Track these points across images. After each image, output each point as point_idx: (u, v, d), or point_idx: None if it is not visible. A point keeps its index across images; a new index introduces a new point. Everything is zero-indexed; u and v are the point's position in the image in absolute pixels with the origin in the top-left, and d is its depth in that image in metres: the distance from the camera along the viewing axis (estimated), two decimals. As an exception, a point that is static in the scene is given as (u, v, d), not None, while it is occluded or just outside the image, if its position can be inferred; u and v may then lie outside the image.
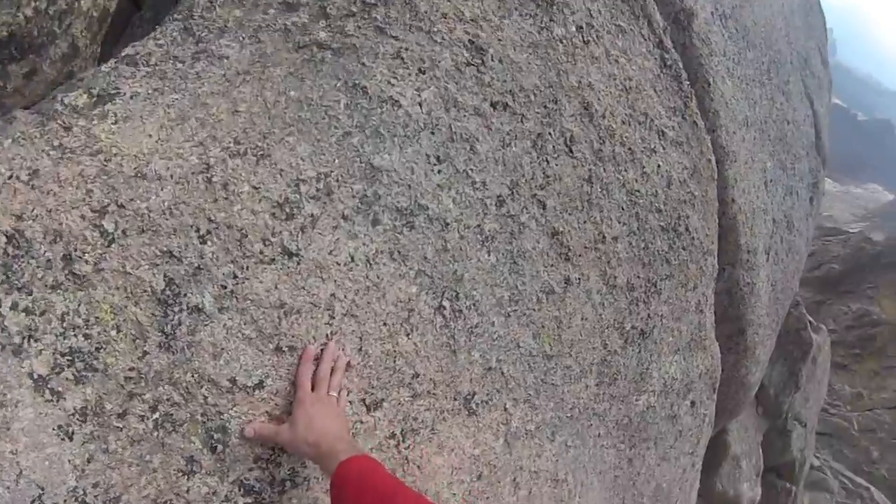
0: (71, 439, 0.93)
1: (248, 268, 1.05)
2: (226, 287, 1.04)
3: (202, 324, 1.03)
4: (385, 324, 1.23)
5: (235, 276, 1.05)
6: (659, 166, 1.87)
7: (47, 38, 1.09)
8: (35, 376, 0.91)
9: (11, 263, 0.92)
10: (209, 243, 1.03)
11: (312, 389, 1.08)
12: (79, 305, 0.96)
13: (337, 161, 1.14)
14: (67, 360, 0.94)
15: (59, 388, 0.93)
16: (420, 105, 1.24)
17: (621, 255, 1.81)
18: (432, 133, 1.26)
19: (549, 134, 1.47)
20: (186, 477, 1.00)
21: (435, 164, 1.26)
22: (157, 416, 0.99)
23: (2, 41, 1.00)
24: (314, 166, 1.12)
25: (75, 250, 0.97)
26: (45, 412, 0.90)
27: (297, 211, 1.09)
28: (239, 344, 1.06)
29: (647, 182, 1.83)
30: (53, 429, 0.91)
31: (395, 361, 1.26)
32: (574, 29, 1.56)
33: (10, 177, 0.95)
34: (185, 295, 1.02)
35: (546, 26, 1.49)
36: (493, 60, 1.36)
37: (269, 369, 1.09)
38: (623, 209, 1.76)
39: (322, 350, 1.12)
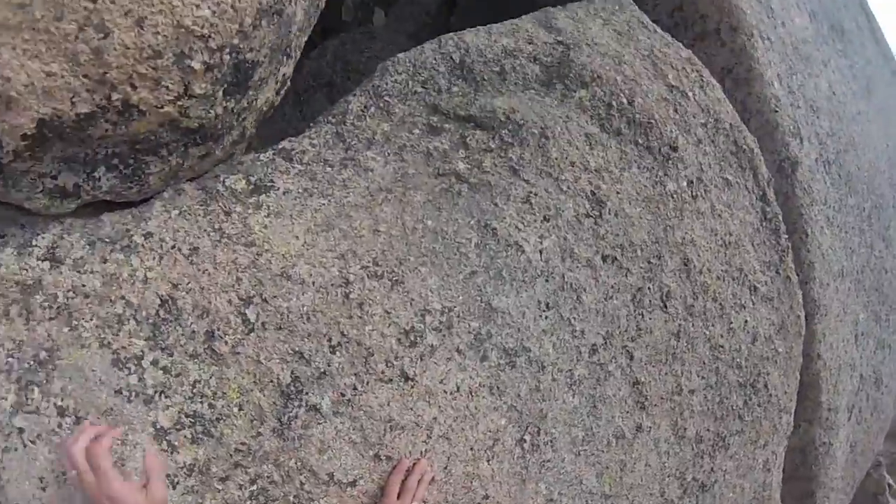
0: (174, 488, 1.27)
1: (367, 383, 1.42)
2: (344, 395, 1.40)
3: (316, 422, 1.39)
4: (472, 448, 1.58)
5: (355, 388, 1.41)
6: (746, 322, 2.22)
7: (226, 129, 1.50)
8: (158, 426, 1.28)
9: (161, 325, 1.29)
10: (338, 354, 1.40)
11: (398, 497, 1.42)
12: (210, 378, 1.33)
13: (461, 298, 1.52)
14: (189, 420, 1.30)
15: (176, 443, 1.29)
16: (540, 252, 1.62)
17: (695, 408, 2.14)
18: (546, 280, 1.63)
19: (649, 288, 1.84)
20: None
21: (544, 311, 1.63)
22: (254, 488, 1.34)
23: (191, 129, 1.39)
24: (440, 299, 1.50)
25: (218, 329, 1.34)
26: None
27: (419, 340, 1.47)
28: (344, 445, 1.41)
29: (732, 337, 2.18)
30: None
31: (471, 482, 1.59)
32: (685, 184, 1.96)
33: (173, 247, 1.35)
34: (307, 393, 1.38)
35: (660, 181, 1.89)
36: (609, 214, 1.75)
37: (364, 472, 1.44)
38: (704, 363, 2.11)
39: (414, 464, 1.46)
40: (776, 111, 2.51)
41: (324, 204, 1.47)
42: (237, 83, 1.26)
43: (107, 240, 1.26)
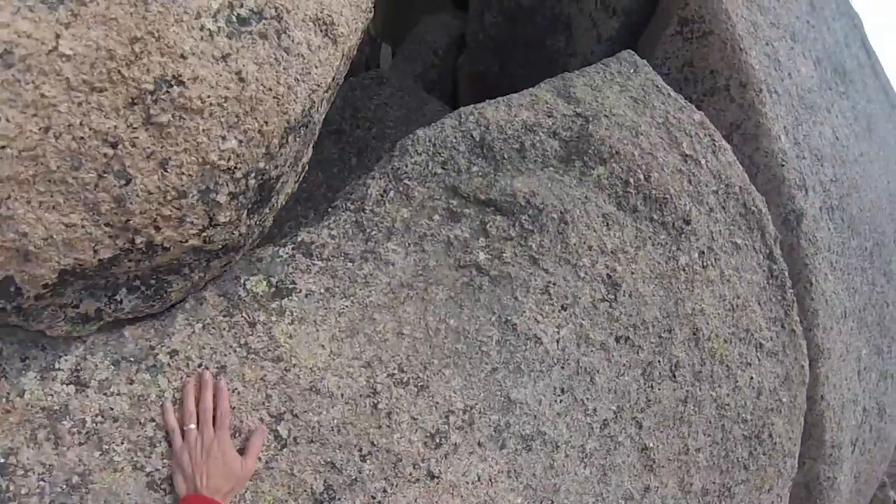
0: None
1: (396, 485, 1.45)
2: (375, 498, 1.43)
3: (345, 523, 1.42)
4: (489, 531, 1.62)
5: (385, 491, 1.44)
6: (752, 378, 2.27)
7: (248, 239, 1.52)
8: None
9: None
10: (368, 462, 1.43)
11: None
12: (245, 492, 1.35)
13: (482, 395, 1.55)
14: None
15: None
16: (557, 342, 1.65)
17: (701, 464, 2.19)
18: (562, 367, 1.66)
19: (658, 361, 1.87)
20: None
21: (559, 395, 1.66)
22: None
23: (215, 250, 1.42)
24: (463, 399, 1.53)
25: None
26: None
27: (444, 441, 1.49)
28: (371, 542, 1.45)
29: (737, 395, 2.22)
30: None
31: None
32: (696, 255, 1.98)
33: (200, 365, 1.35)
34: (339, 500, 1.41)
35: (673, 255, 1.91)
36: (624, 295, 1.78)
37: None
38: (710, 422, 2.15)
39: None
40: (783, 165, 2.53)
41: (347, 306, 1.48)
42: (261, 200, 1.26)
43: (131, 359, 1.25)
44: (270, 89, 1.05)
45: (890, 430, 3.60)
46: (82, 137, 0.89)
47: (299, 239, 1.54)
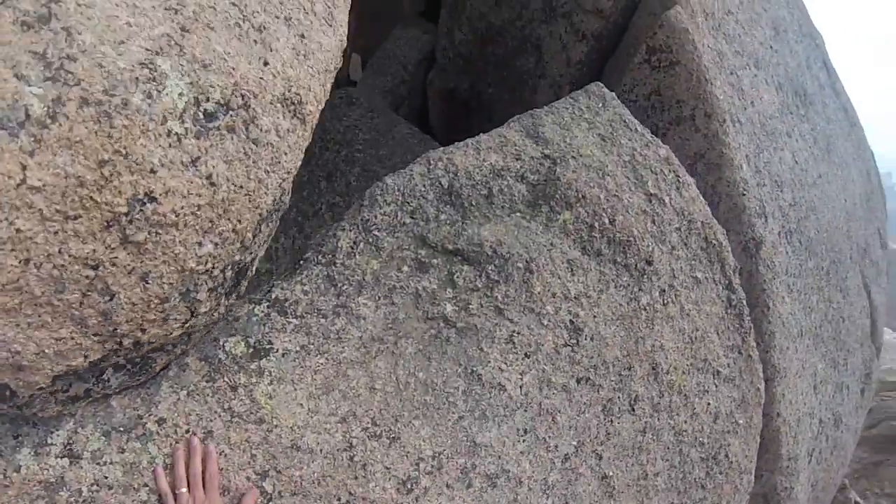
0: None
1: (370, 529, 1.54)
2: (347, 543, 1.52)
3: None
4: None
5: (358, 535, 1.53)
6: (709, 404, 2.39)
7: (225, 314, 1.56)
8: None
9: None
10: (344, 510, 1.51)
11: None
12: None
13: (449, 441, 1.64)
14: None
15: None
16: (520, 388, 1.74)
17: (659, 487, 2.32)
18: (525, 410, 1.76)
19: (618, 397, 1.98)
20: None
21: (522, 436, 1.76)
22: None
23: (197, 329, 1.46)
24: (432, 446, 1.62)
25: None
26: None
27: (415, 486, 1.59)
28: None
29: (695, 421, 2.35)
30: None
31: None
32: (657, 294, 2.09)
33: (187, 431, 1.43)
34: (316, 546, 1.50)
35: (635, 297, 2.01)
36: (586, 339, 1.87)
37: None
38: (668, 448, 2.28)
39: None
40: (743, 194, 2.65)
41: (322, 363, 1.55)
42: (238, 282, 1.32)
43: (121, 429, 1.32)
44: (241, 187, 1.10)
45: (846, 438, 3.80)
46: (63, 265, 0.94)
47: (273, 296, 1.60)
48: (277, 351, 1.55)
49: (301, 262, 1.72)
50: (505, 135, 2.05)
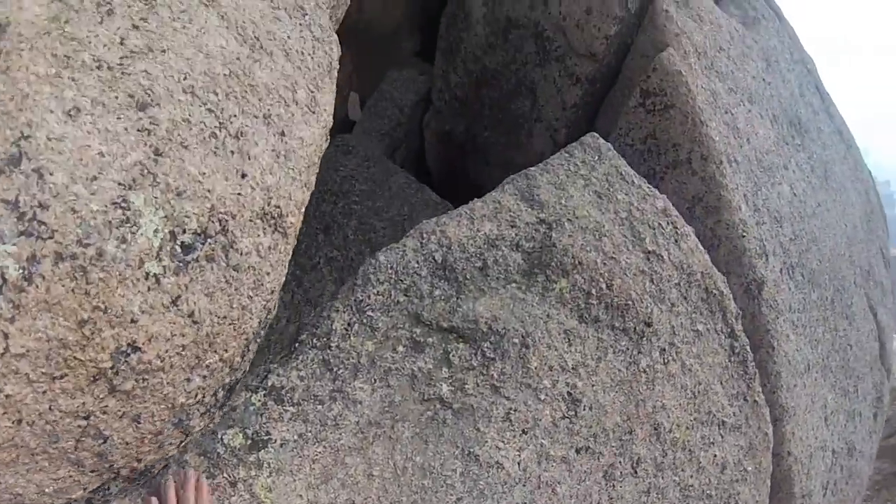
0: None
1: None
2: None
3: None
4: None
5: None
6: (715, 456, 2.37)
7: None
8: None
9: None
10: None
11: None
12: None
13: (448, 526, 1.62)
14: None
15: None
16: (518, 464, 1.73)
17: (668, 542, 2.29)
18: (524, 485, 1.75)
19: (619, 462, 1.96)
20: None
21: (524, 513, 1.75)
22: None
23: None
24: (430, 533, 1.60)
25: None
26: None
27: (412, 576, 1.57)
28: None
29: (701, 475, 2.32)
30: None
31: None
32: (657, 354, 2.07)
33: None
34: None
35: (634, 360, 1.99)
36: (584, 409, 1.86)
37: None
38: (676, 504, 2.25)
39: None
40: (743, 236, 2.62)
41: (320, 452, 1.55)
42: (230, 396, 1.32)
43: None
44: (225, 317, 1.09)
45: (861, 465, 3.75)
46: (54, 419, 0.94)
47: (270, 383, 1.60)
48: (276, 441, 1.54)
49: (297, 344, 1.72)
50: (499, 200, 2.04)
